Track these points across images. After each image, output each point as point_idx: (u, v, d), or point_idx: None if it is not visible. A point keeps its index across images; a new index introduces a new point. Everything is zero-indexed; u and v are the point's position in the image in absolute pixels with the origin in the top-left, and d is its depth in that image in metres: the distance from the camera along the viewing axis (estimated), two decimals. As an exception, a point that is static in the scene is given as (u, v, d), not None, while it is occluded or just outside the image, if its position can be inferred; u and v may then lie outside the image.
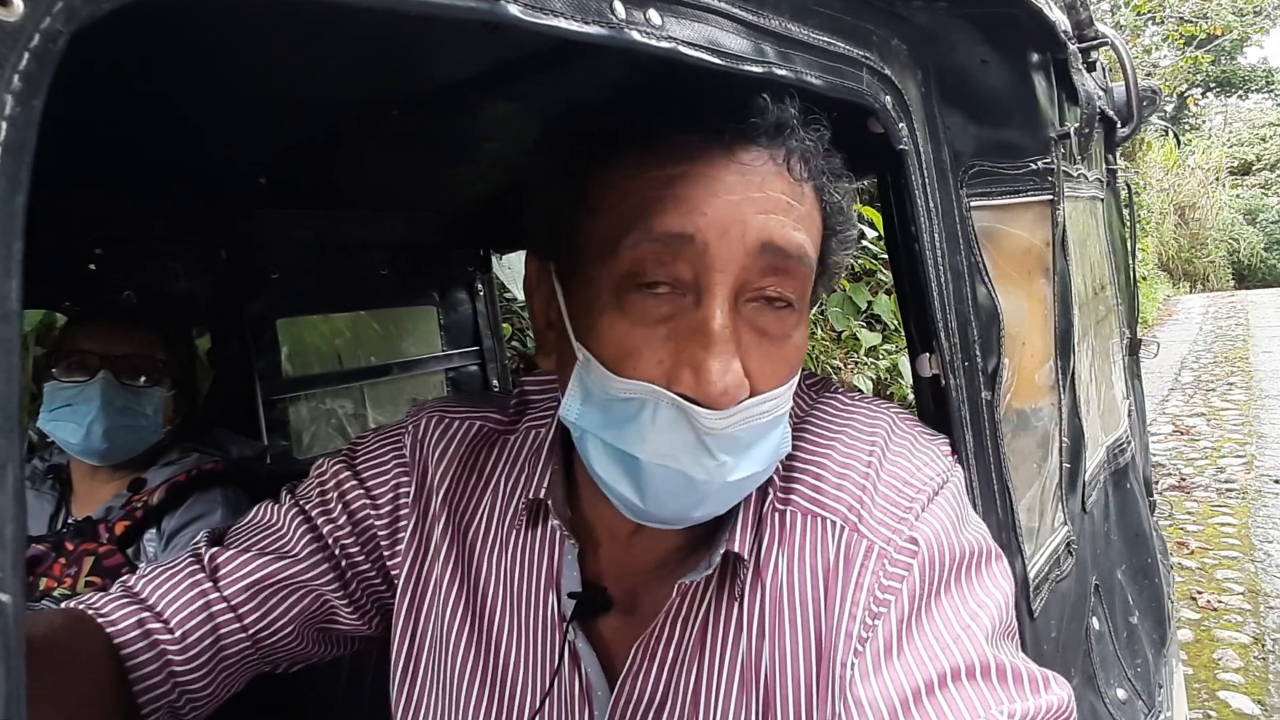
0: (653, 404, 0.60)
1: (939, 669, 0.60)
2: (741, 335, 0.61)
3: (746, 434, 0.62)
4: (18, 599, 0.23)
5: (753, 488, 0.67)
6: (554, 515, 0.73)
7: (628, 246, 0.61)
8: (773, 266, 0.62)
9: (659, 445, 0.60)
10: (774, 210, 0.62)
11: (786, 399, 0.65)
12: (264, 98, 1.15)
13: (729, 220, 0.60)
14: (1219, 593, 4.09)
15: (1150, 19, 15.20)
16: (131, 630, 0.74)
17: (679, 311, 0.61)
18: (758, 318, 0.63)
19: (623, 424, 0.61)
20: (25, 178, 0.25)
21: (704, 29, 0.52)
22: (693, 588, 0.69)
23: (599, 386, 0.62)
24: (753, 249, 0.60)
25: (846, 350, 4.85)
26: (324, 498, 0.83)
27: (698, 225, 0.60)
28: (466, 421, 0.83)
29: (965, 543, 0.66)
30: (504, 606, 0.77)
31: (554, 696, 0.73)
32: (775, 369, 0.63)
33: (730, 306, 0.61)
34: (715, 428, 0.60)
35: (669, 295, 0.61)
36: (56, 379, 1.46)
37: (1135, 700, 1.22)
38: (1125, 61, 1.36)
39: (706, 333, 0.59)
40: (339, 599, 0.82)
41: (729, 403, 0.59)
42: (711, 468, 0.61)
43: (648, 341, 0.61)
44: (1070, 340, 1.08)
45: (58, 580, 1.42)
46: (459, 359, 2.27)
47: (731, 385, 0.59)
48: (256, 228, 1.75)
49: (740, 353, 0.61)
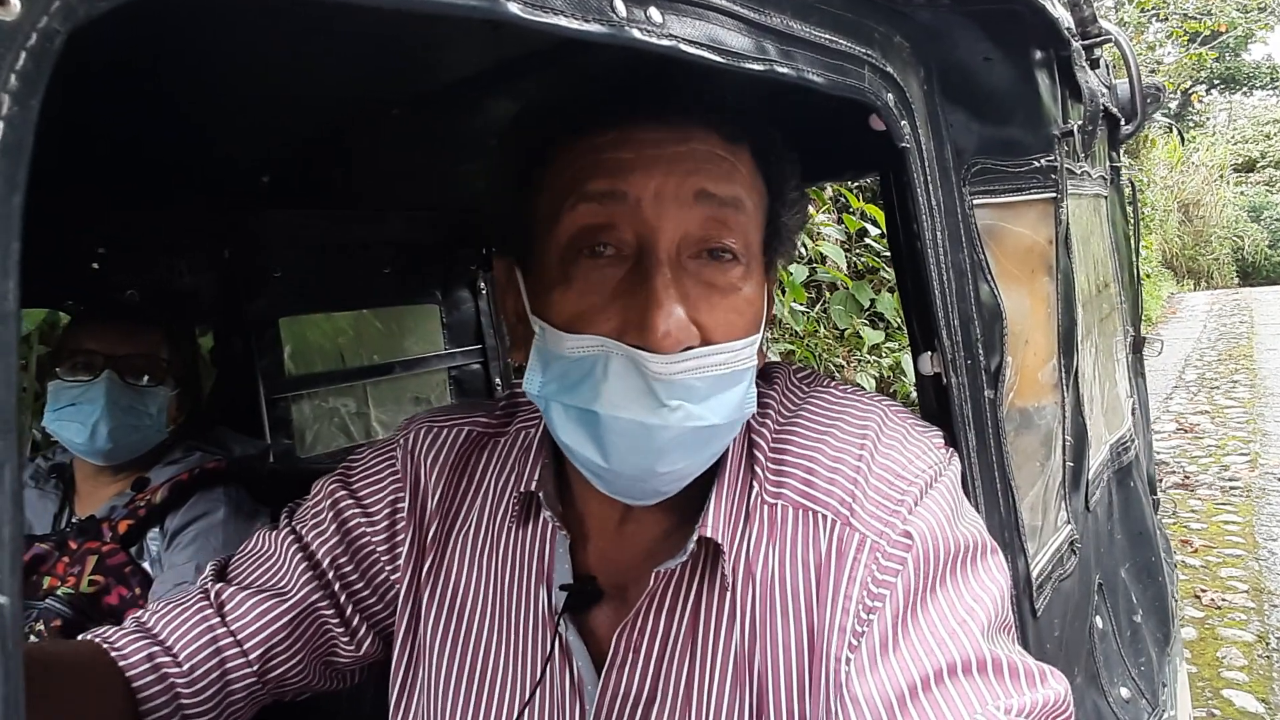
0: (604, 357, 0.62)
1: (935, 664, 0.60)
2: (688, 288, 0.63)
3: (701, 383, 0.63)
4: (15, 601, 0.23)
5: (717, 444, 0.68)
6: (545, 507, 0.74)
7: (567, 210, 0.64)
8: (709, 217, 0.64)
9: (612, 396, 0.62)
10: (705, 163, 0.64)
11: (746, 355, 0.66)
12: (266, 97, 1.15)
13: (660, 175, 0.63)
14: (1223, 591, 4.08)
15: (1154, 15, 15.16)
16: (142, 664, 0.76)
17: (623, 272, 0.64)
18: (703, 271, 0.65)
19: (579, 383, 0.64)
20: (23, 178, 0.24)
21: (705, 27, 0.52)
22: (671, 576, 0.69)
23: (555, 350, 0.65)
24: (687, 200, 0.63)
25: (849, 348, 4.84)
26: (319, 520, 0.84)
27: (630, 182, 0.63)
28: (455, 428, 0.84)
29: (960, 536, 0.66)
30: (494, 605, 0.77)
31: (544, 691, 0.73)
32: (728, 319, 0.65)
33: (672, 259, 0.63)
34: (663, 373, 0.61)
35: (613, 258, 0.64)
36: (60, 378, 1.47)
37: (1139, 699, 1.22)
38: (1129, 58, 1.35)
39: (649, 283, 0.61)
40: (337, 628, 0.84)
41: (672, 346, 0.61)
42: (666, 414, 0.62)
43: (596, 303, 0.63)
44: (1074, 338, 1.08)
45: (61, 579, 1.42)
46: (461, 357, 2.27)
47: (675, 328, 0.60)
48: (259, 226, 1.75)
49: (688, 305, 0.63)
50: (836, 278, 4.52)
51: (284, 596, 0.82)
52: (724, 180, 0.65)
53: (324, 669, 0.86)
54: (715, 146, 0.65)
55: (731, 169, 0.66)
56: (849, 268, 4.71)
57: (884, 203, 0.87)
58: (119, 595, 1.43)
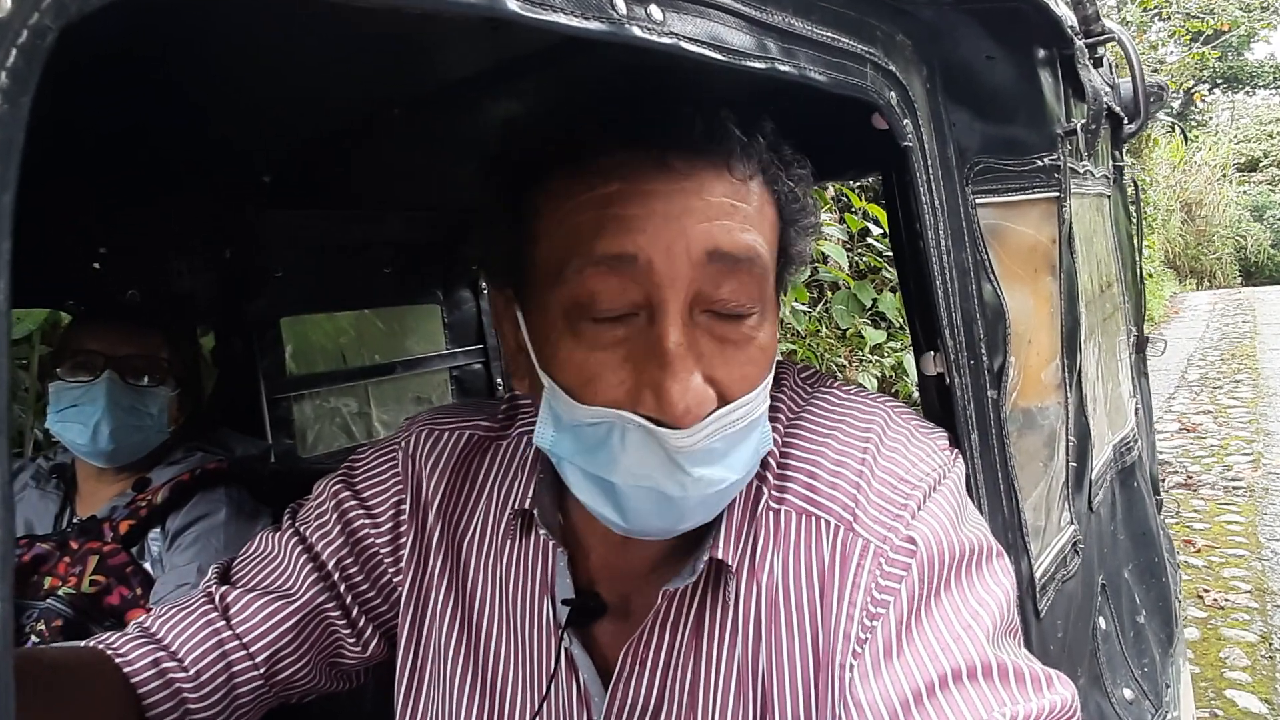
0: (620, 428, 0.60)
1: (940, 670, 0.59)
2: (702, 346, 0.60)
3: (721, 444, 0.61)
4: (6, 603, 0.23)
5: (735, 493, 0.66)
6: (541, 526, 0.73)
7: (573, 272, 0.60)
8: (724, 273, 0.60)
9: (631, 467, 0.60)
10: (717, 216, 0.60)
11: (761, 400, 0.64)
12: (267, 97, 1.15)
13: (671, 234, 0.58)
14: (1226, 591, 4.08)
15: (1156, 14, 15.13)
16: (147, 669, 0.76)
17: (634, 333, 0.60)
18: (717, 327, 0.61)
19: (594, 449, 0.61)
20: (13, 176, 0.24)
21: (706, 25, 0.51)
22: (679, 593, 0.69)
23: (566, 414, 0.62)
24: (699, 260, 0.59)
25: (851, 348, 4.83)
26: (323, 520, 0.83)
27: (639, 244, 0.58)
28: (456, 432, 0.83)
29: (964, 540, 0.65)
30: (499, 614, 0.77)
31: (551, 703, 0.73)
32: (744, 374, 0.62)
33: (685, 320, 0.60)
34: (684, 446, 0.59)
35: (622, 319, 0.60)
36: (61, 379, 1.46)
37: (1142, 700, 1.22)
38: (1132, 57, 1.35)
39: (662, 353, 0.58)
40: (343, 628, 0.83)
41: (692, 421, 0.58)
42: (688, 483, 0.60)
43: (606, 365, 0.60)
44: (1077, 338, 1.08)
45: (62, 579, 1.42)
46: (463, 357, 2.27)
47: (693, 404, 0.58)
48: (260, 226, 1.75)
49: (703, 364, 0.60)
50: (838, 277, 4.52)
51: (290, 598, 0.81)
52: (737, 232, 0.61)
53: (329, 670, 0.85)
54: (726, 193, 0.61)
55: (744, 215, 0.62)
56: (851, 267, 4.70)
57: (886, 202, 0.87)
58: (120, 595, 1.43)
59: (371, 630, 0.84)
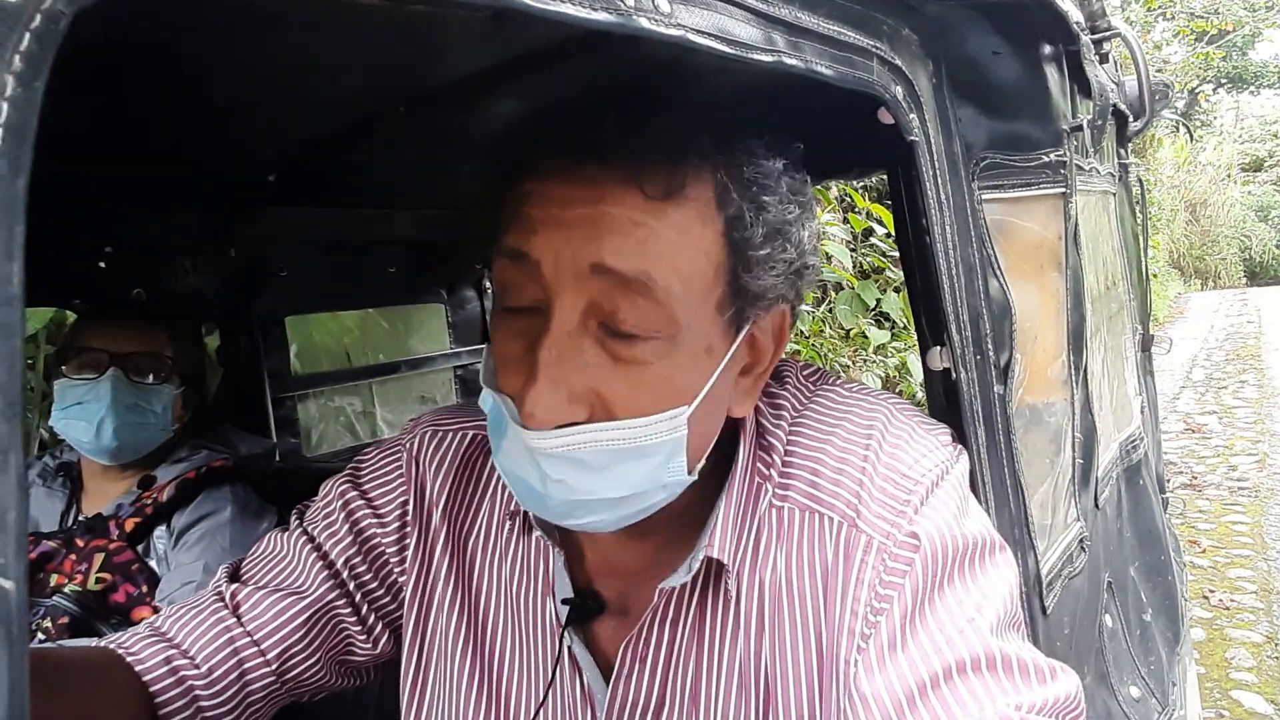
0: (504, 415, 0.62)
1: (944, 662, 0.59)
2: (588, 357, 0.59)
3: (591, 456, 0.60)
4: (20, 585, 0.23)
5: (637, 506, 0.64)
6: (535, 526, 0.74)
7: (494, 260, 0.64)
8: (615, 291, 0.58)
9: (509, 455, 0.63)
10: (611, 231, 0.58)
11: (658, 430, 0.60)
12: (272, 96, 1.15)
13: (559, 241, 0.59)
14: (1231, 591, 4.06)
15: (1160, 14, 15.10)
16: (159, 668, 0.76)
17: (534, 328, 0.61)
18: (608, 342, 0.60)
19: (494, 429, 0.65)
20: (27, 160, 0.24)
21: (713, 17, 0.51)
22: (677, 590, 0.69)
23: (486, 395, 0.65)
24: (583, 272, 0.58)
25: (855, 348, 4.83)
26: (330, 519, 0.84)
27: (531, 244, 0.60)
28: (460, 432, 0.83)
29: (967, 535, 0.65)
30: (503, 613, 0.77)
31: (554, 701, 0.73)
32: (633, 395, 0.60)
33: (574, 328, 0.59)
34: (538, 447, 0.60)
35: (527, 310, 0.62)
36: (66, 377, 1.47)
37: (1149, 699, 1.21)
38: (1137, 55, 1.34)
39: (534, 354, 0.59)
40: (354, 626, 0.83)
41: (537, 425, 0.59)
42: (548, 483, 0.61)
43: (509, 355, 0.63)
44: (1083, 335, 1.07)
45: (68, 576, 1.42)
46: (467, 357, 2.27)
47: (540, 410, 0.58)
48: (265, 225, 1.75)
49: (585, 374, 0.59)
50: (842, 277, 4.52)
51: (301, 595, 0.82)
52: (630, 253, 0.58)
53: (340, 668, 0.86)
54: (632, 210, 0.58)
55: (647, 236, 0.58)
56: (854, 267, 4.70)
57: (892, 198, 0.86)
58: (126, 593, 1.44)
59: (381, 627, 0.85)
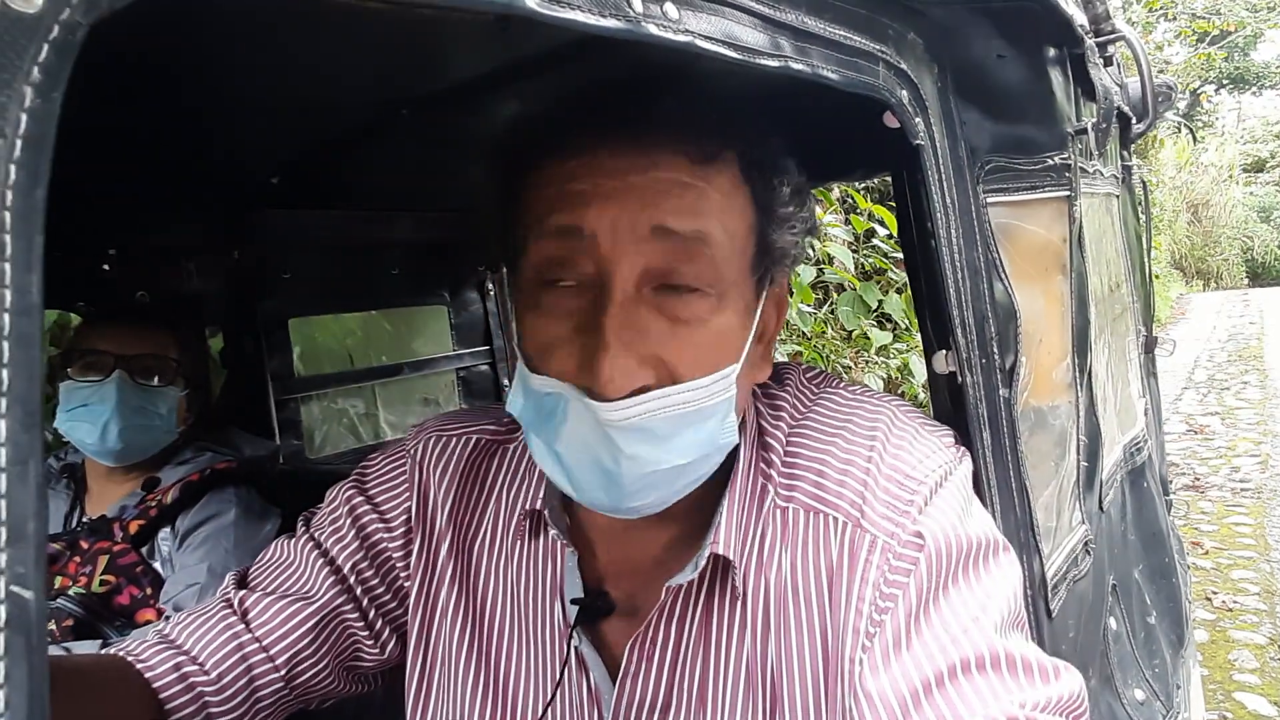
0: (565, 399, 0.62)
1: (948, 661, 0.59)
2: (649, 324, 0.61)
3: (662, 424, 0.61)
4: (40, 596, 0.23)
5: (691, 477, 0.66)
6: (551, 525, 0.74)
7: (532, 243, 0.64)
8: (672, 251, 0.61)
9: (571, 439, 0.62)
10: (667, 194, 0.61)
11: (718, 390, 0.64)
12: (275, 98, 1.16)
13: (615, 209, 0.61)
14: (1234, 593, 4.06)
15: (1162, 15, 15.09)
16: (169, 675, 0.76)
17: (584, 305, 0.62)
18: (666, 304, 0.62)
19: (546, 419, 0.64)
20: (45, 171, 0.24)
21: (721, 23, 0.51)
22: (683, 589, 0.69)
23: (526, 384, 0.65)
24: (644, 235, 0.61)
25: (857, 349, 4.83)
26: (337, 525, 0.84)
27: (586, 217, 0.61)
28: (464, 437, 0.84)
29: (971, 535, 0.65)
30: (508, 616, 0.77)
31: (561, 702, 0.73)
32: (694, 356, 0.62)
33: (631, 296, 0.61)
34: (613, 420, 0.60)
35: (574, 289, 0.63)
36: (72, 379, 1.47)
37: (1153, 701, 1.21)
38: (1140, 57, 1.34)
39: (599, 325, 0.60)
40: (361, 631, 0.84)
41: (615, 393, 0.59)
42: (621, 459, 0.61)
43: (558, 337, 0.63)
44: (1087, 338, 1.07)
45: (73, 579, 1.42)
46: (470, 358, 2.27)
47: (618, 376, 0.59)
48: (269, 228, 1.75)
49: (649, 341, 0.61)
50: (844, 279, 4.52)
51: (308, 600, 0.82)
52: (687, 213, 0.62)
53: (347, 674, 0.86)
54: (681, 173, 0.62)
55: (698, 197, 0.62)
56: (856, 269, 4.70)
57: (897, 201, 0.87)
58: (130, 595, 1.44)
59: (388, 632, 0.85)
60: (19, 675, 0.22)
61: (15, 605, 0.22)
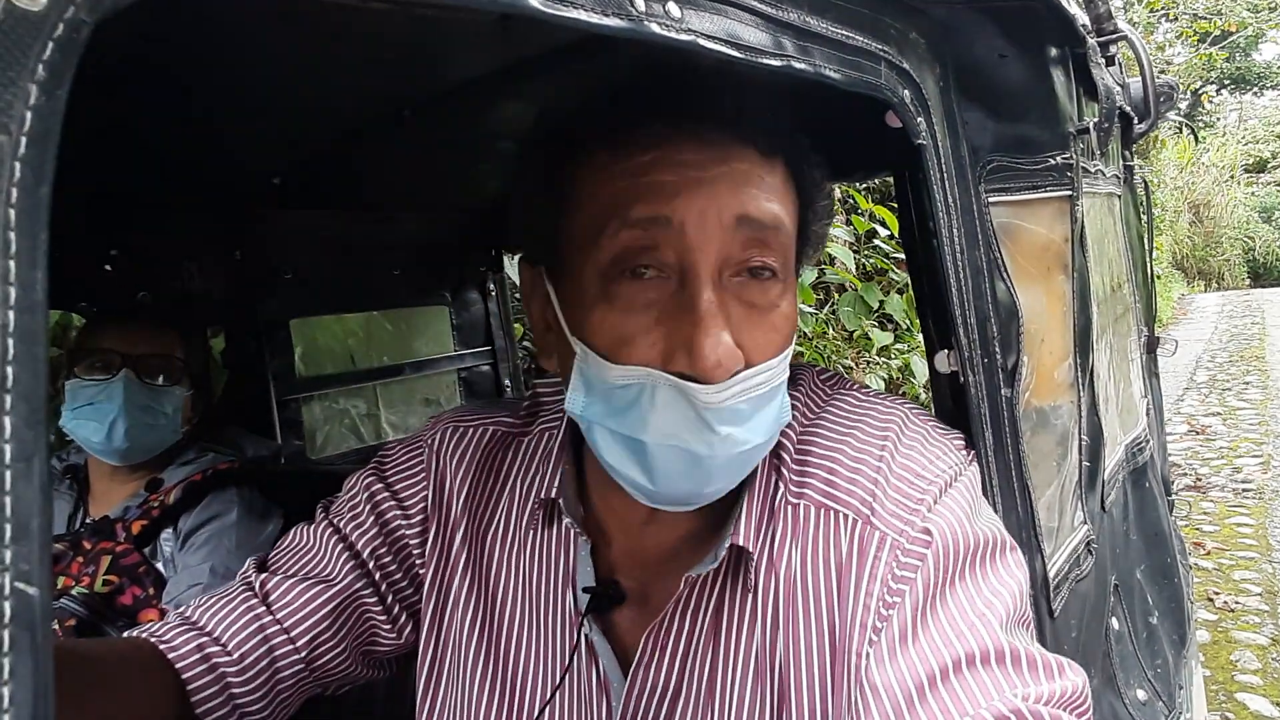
0: (650, 387, 0.62)
1: (954, 655, 0.60)
2: (730, 310, 0.63)
3: (747, 405, 0.63)
4: (45, 593, 0.23)
5: (758, 459, 0.68)
6: (566, 514, 0.75)
7: (609, 235, 0.63)
8: (751, 239, 0.63)
9: (662, 426, 0.62)
10: (746, 184, 0.63)
11: (782, 369, 0.66)
12: (277, 99, 1.16)
13: (703, 199, 0.62)
14: (1236, 594, 4.05)
15: (1164, 15, 15.08)
16: (192, 655, 0.77)
17: (666, 295, 0.63)
18: (744, 291, 0.64)
19: (625, 410, 0.63)
20: (50, 168, 0.24)
21: (723, 22, 0.52)
22: (700, 580, 0.70)
23: (598, 377, 0.64)
24: (729, 224, 0.62)
25: (858, 350, 4.83)
26: (356, 511, 0.85)
27: (673, 207, 0.61)
28: (480, 428, 0.85)
29: (979, 533, 0.66)
30: (519, 604, 0.78)
31: (570, 689, 0.74)
32: (768, 339, 0.65)
33: (715, 283, 0.62)
34: (713, 402, 0.61)
35: (655, 280, 0.63)
36: (78, 377, 1.47)
37: (1156, 701, 1.21)
38: (1142, 57, 1.34)
39: (695, 310, 0.61)
40: (379, 615, 0.84)
41: (723, 375, 0.60)
42: (715, 442, 0.62)
43: (639, 327, 0.63)
44: (1089, 337, 1.07)
45: (75, 579, 1.42)
46: (471, 359, 2.28)
47: (725, 357, 0.60)
48: (270, 228, 1.76)
49: (730, 327, 0.62)
50: (845, 279, 4.51)
51: (328, 583, 0.83)
52: (764, 201, 0.64)
53: (365, 658, 0.87)
54: (754, 164, 0.64)
55: (770, 187, 0.65)
56: (858, 269, 4.70)
57: (898, 201, 0.87)
58: (133, 595, 1.44)
59: (405, 618, 0.86)
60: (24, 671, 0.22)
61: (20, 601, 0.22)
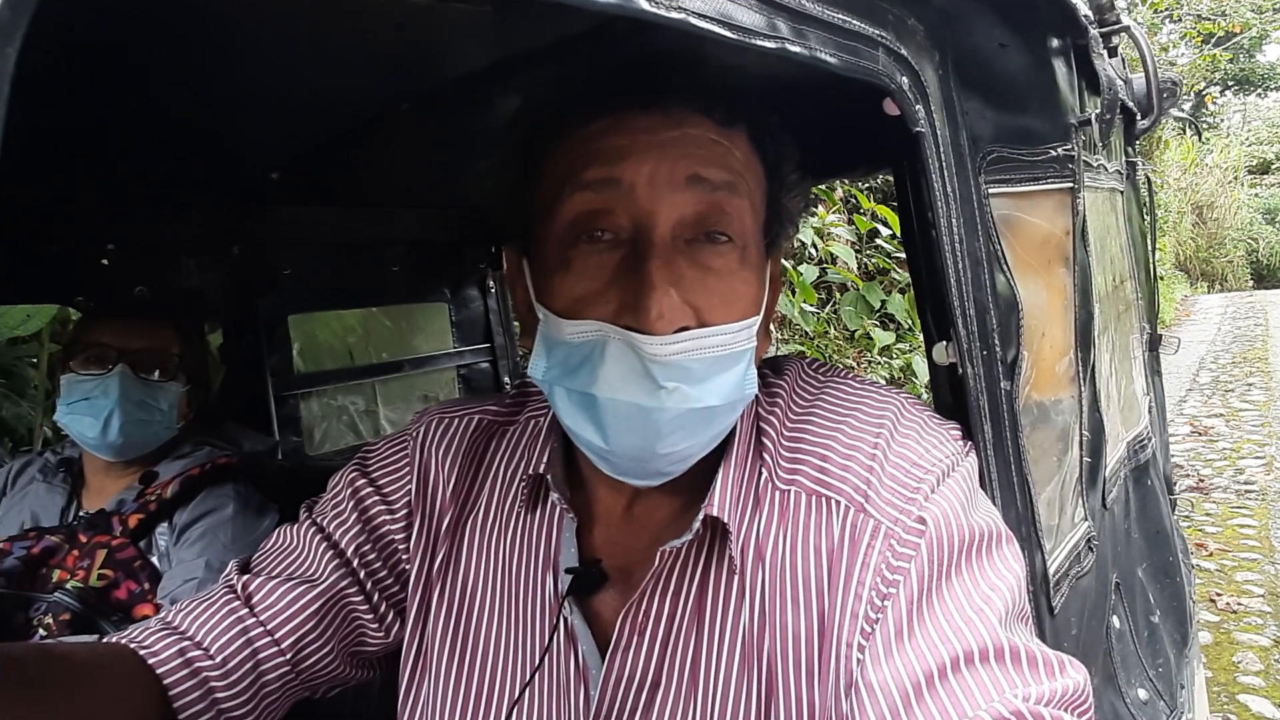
0: (601, 342, 0.64)
1: (952, 653, 0.58)
2: (683, 270, 0.64)
3: (698, 365, 0.64)
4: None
5: (719, 425, 0.68)
6: (554, 489, 0.74)
7: (563, 200, 0.65)
8: (704, 201, 0.65)
9: (610, 379, 0.63)
10: (698, 147, 0.65)
11: (744, 337, 0.67)
12: (275, 95, 1.15)
13: (654, 160, 0.64)
14: (1238, 595, 4.03)
15: (1168, 16, 15.04)
16: (173, 660, 0.75)
17: (620, 257, 0.65)
18: (698, 254, 0.65)
19: (578, 367, 0.65)
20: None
21: (716, 1, 0.50)
22: (677, 555, 0.69)
23: (556, 335, 0.66)
24: (680, 184, 0.64)
25: (860, 349, 4.82)
26: (339, 509, 0.84)
27: (624, 169, 0.64)
28: (466, 417, 0.85)
29: (975, 524, 0.65)
30: (501, 591, 0.77)
31: (547, 677, 0.73)
32: (724, 302, 0.66)
33: (666, 244, 0.64)
34: (659, 355, 0.62)
35: (610, 243, 0.65)
36: (74, 372, 1.47)
37: (1157, 701, 1.20)
38: (1145, 52, 1.33)
39: (643, 267, 0.63)
40: (365, 614, 0.83)
41: (665, 327, 0.62)
42: (662, 396, 0.63)
43: (594, 287, 0.65)
44: (1091, 332, 1.06)
45: (70, 572, 1.42)
46: (470, 356, 2.27)
47: (667, 310, 0.62)
48: (269, 224, 1.75)
49: (683, 287, 0.64)
50: (847, 279, 4.50)
51: (312, 583, 0.81)
52: (717, 164, 0.65)
53: (353, 658, 0.85)
54: (708, 131, 0.66)
55: (725, 153, 0.66)
56: (859, 269, 4.69)
57: (897, 191, 0.85)
58: (128, 589, 1.43)
59: (392, 615, 0.84)
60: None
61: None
